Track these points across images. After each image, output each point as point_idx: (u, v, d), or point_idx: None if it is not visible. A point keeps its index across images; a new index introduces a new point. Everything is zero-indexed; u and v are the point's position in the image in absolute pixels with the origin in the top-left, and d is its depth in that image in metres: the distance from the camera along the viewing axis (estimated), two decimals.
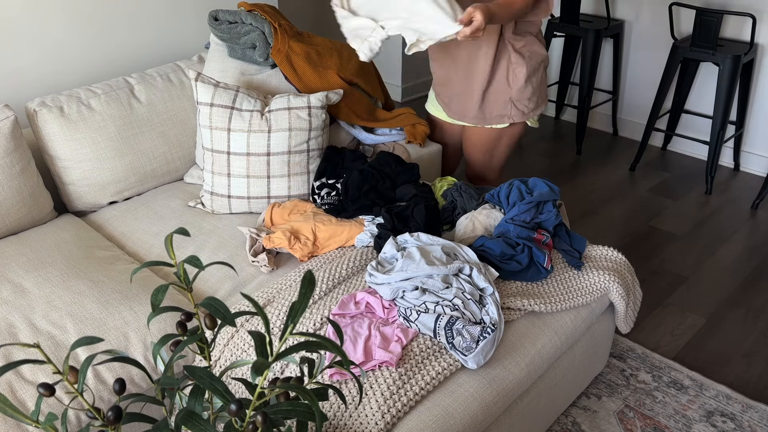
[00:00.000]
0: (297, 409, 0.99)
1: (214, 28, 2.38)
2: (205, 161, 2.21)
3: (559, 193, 2.02)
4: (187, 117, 2.39)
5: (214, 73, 2.40)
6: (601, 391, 2.20)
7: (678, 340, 2.45)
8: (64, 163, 2.17)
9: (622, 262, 2.01)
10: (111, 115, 2.22)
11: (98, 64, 2.51)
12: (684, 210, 3.30)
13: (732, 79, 3.21)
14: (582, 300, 1.86)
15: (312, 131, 2.18)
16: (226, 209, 2.21)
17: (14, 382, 1.55)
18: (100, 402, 1.61)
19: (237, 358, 1.69)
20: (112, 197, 2.28)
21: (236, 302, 1.87)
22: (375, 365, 1.57)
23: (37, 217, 2.12)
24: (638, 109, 3.98)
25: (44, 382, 0.97)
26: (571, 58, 4.04)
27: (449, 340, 1.61)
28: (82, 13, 2.41)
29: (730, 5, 3.41)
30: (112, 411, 0.98)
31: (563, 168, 3.72)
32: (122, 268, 1.93)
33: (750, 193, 3.45)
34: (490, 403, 1.60)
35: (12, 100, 2.34)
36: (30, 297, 1.77)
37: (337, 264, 1.90)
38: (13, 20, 2.26)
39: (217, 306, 1.02)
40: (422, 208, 2.04)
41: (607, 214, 3.27)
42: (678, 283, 2.76)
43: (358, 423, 1.46)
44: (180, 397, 1.14)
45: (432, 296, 1.69)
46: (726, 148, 3.69)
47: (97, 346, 1.64)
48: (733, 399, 2.17)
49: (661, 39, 3.73)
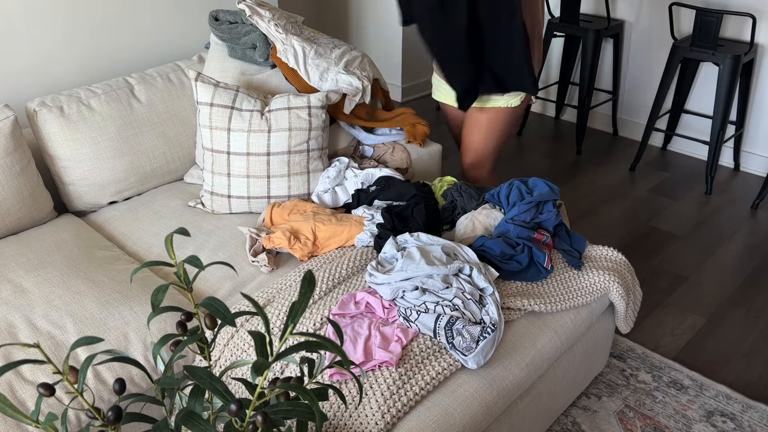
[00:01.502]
0: (297, 409, 0.99)
1: (215, 28, 2.38)
2: (205, 161, 2.21)
3: (559, 193, 2.02)
4: (187, 117, 2.39)
5: (214, 73, 2.40)
6: (601, 391, 2.20)
7: (678, 340, 2.45)
8: (64, 163, 2.17)
9: (622, 262, 2.01)
10: (111, 115, 2.22)
11: (98, 64, 2.51)
12: (684, 210, 3.30)
13: (732, 79, 3.21)
14: (582, 300, 1.86)
15: (312, 131, 2.18)
16: (226, 209, 2.21)
17: (14, 382, 1.55)
18: (100, 402, 1.61)
19: (237, 358, 1.69)
20: (112, 197, 2.28)
21: (236, 302, 1.87)
22: (375, 365, 1.57)
23: (37, 217, 2.12)
24: (638, 109, 3.98)
25: (44, 382, 0.97)
26: (571, 58, 4.04)
27: (449, 340, 1.61)
28: (82, 13, 2.41)
29: (730, 5, 3.41)
30: (112, 411, 0.98)
31: (563, 168, 3.72)
32: (122, 268, 1.93)
33: (750, 193, 3.45)
34: (490, 403, 1.60)
35: (12, 100, 2.34)
36: (30, 297, 1.77)
37: (337, 264, 1.90)
38: (14, 20, 2.26)
39: (217, 306, 1.02)
40: (422, 208, 2.04)
41: (607, 214, 3.26)
42: (678, 283, 2.76)
43: (358, 423, 1.46)
44: (180, 397, 1.14)
45: (432, 296, 1.69)
46: (726, 148, 3.69)
47: (97, 346, 1.64)
48: (733, 399, 2.17)
49: (661, 39, 3.73)
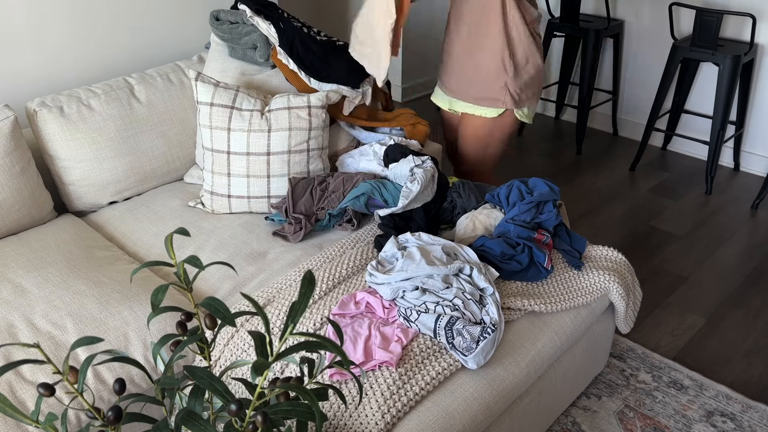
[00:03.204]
0: (297, 409, 0.99)
1: (216, 28, 2.38)
2: (205, 161, 2.21)
3: (559, 193, 2.02)
4: (187, 117, 2.39)
5: (215, 73, 2.40)
6: (601, 391, 2.20)
7: (678, 340, 2.44)
8: (64, 163, 2.17)
9: (622, 262, 2.01)
10: (111, 115, 2.22)
11: (98, 64, 2.51)
12: (684, 210, 3.30)
13: (732, 79, 3.21)
14: (582, 300, 1.86)
15: (312, 131, 2.18)
16: (226, 209, 2.21)
17: (14, 382, 1.55)
18: (100, 402, 1.60)
19: (237, 358, 1.69)
20: (112, 197, 2.28)
21: (236, 302, 1.87)
22: (375, 365, 1.57)
23: (37, 217, 2.12)
24: (638, 109, 3.98)
25: (44, 382, 0.97)
26: (571, 58, 4.04)
27: (449, 340, 1.61)
28: (82, 13, 2.41)
29: (730, 5, 3.41)
30: (112, 411, 0.98)
31: (563, 168, 3.72)
32: (122, 268, 1.93)
33: (750, 193, 3.45)
34: (490, 403, 1.60)
35: (12, 100, 2.34)
36: (30, 297, 1.77)
37: (337, 264, 1.90)
38: (14, 20, 2.26)
39: (217, 306, 1.02)
40: (421, 208, 2.05)
41: (607, 214, 3.26)
42: (678, 283, 2.76)
43: (358, 423, 1.46)
44: (180, 397, 1.14)
45: (432, 296, 1.69)
46: (726, 148, 3.69)
47: (97, 346, 1.64)
48: (733, 399, 2.17)
49: (661, 39, 3.73)
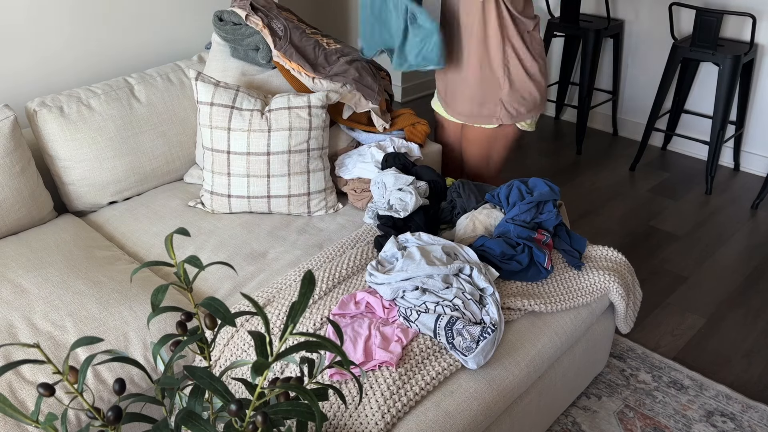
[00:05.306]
0: (297, 409, 0.99)
1: (219, 28, 2.38)
2: (205, 161, 2.21)
3: (559, 193, 2.02)
4: (187, 117, 2.39)
5: (215, 73, 2.40)
6: (601, 391, 2.20)
7: (678, 340, 2.44)
8: (64, 163, 2.17)
9: (622, 262, 2.01)
10: (111, 115, 2.22)
11: (98, 64, 2.51)
12: (684, 210, 3.30)
13: (732, 79, 3.21)
14: (582, 300, 1.86)
15: (312, 131, 2.18)
16: (226, 209, 2.21)
17: (14, 382, 1.55)
18: (100, 402, 1.60)
19: (237, 358, 1.69)
20: (112, 197, 2.28)
21: (236, 302, 1.87)
22: (375, 365, 1.57)
23: (37, 217, 2.12)
24: (638, 109, 3.98)
25: (44, 382, 0.97)
26: (571, 58, 4.04)
27: (449, 341, 1.61)
28: (82, 13, 2.41)
29: (730, 5, 3.41)
30: (112, 411, 0.98)
31: (563, 168, 3.72)
32: (122, 268, 1.93)
33: (750, 193, 3.45)
34: (490, 403, 1.60)
35: (12, 100, 2.34)
36: (30, 297, 1.77)
37: (337, 264, 1.90)
38: (14, 20, 2.26)
39: (217, 306, 1.02)
40: (420, 208, 2.05)
41: (607, 214, 3.26)
42: (678, 283, 2.76)
43: (358, 423, 1.46)
44: (180, 397, 1.14)
45: (432, 296, 1.69)
46: (726, 148, 3.69)
47: (97, 346, 1.64)
48: (733, 399, 2.17)
49: (661, 39, 3.73)
